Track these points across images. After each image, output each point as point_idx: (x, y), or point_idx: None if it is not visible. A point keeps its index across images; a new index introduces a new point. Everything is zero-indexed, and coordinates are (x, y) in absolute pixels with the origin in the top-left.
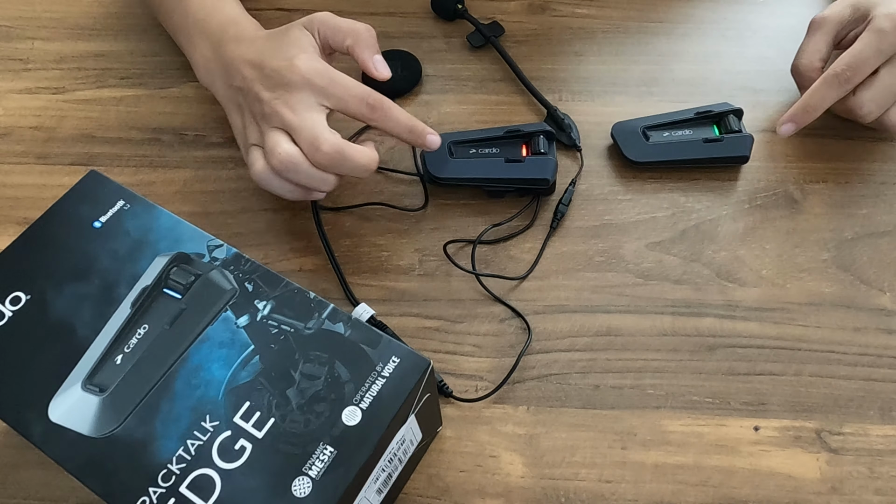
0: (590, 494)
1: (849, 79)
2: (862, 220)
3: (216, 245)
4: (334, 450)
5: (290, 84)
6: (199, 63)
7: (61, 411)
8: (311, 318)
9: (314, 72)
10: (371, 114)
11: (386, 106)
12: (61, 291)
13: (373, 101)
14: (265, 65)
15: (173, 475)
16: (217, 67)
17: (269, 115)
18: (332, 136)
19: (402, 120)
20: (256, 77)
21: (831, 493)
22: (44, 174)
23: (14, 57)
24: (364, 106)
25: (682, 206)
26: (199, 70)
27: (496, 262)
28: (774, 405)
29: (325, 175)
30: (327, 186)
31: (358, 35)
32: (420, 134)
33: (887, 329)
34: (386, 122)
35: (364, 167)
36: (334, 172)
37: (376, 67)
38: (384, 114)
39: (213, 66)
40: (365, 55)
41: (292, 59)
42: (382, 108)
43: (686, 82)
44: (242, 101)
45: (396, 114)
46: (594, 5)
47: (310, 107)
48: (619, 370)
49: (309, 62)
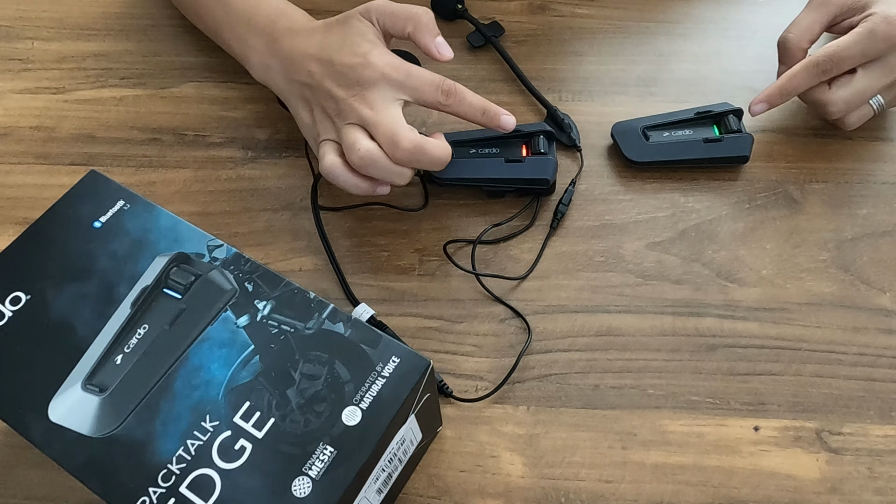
0: (590, 494)
1: (827, 71)
2: (862, 220)
3: (216, 245)
4: (334, 450)
5: (367, 81)
6: (253, 59)
7: (61, 411)
8: (311, 318)
9: (390, 67)
10: (446, 100)
11: (459, 91)
12: (61, 291)
13: (447, 88)
14: (334, 60)
15: (173, 475)
16: (274, 62)
17: (346, 112)
18: (411, 133)
19: (476, 103)
20: (326, 73)
21: (831, 493)
22: (44, 174)
23: (14, 57)
24: (439, 93)
25: (682, 206)
26: (253, 67)
27: (496, 262)
28: (774, 405)
29: (402, 169)
30: (403, 181)
31: (418, 20)
32: (494, 115)
33: (887, 329)
34: (461, 107)
35: (440, 160)
36: (411, 167)
37: (440, 51)
38: (458, 98)
39: (269, 62)
40: (427, 39)
41: (366, 56)
42: (457, 94)
43: (686, 82)
44: (311, 96)
45: (470, 97)
46: (594, 5)
47: (388, 102)
48: (619, 370)
49: (383, 57)
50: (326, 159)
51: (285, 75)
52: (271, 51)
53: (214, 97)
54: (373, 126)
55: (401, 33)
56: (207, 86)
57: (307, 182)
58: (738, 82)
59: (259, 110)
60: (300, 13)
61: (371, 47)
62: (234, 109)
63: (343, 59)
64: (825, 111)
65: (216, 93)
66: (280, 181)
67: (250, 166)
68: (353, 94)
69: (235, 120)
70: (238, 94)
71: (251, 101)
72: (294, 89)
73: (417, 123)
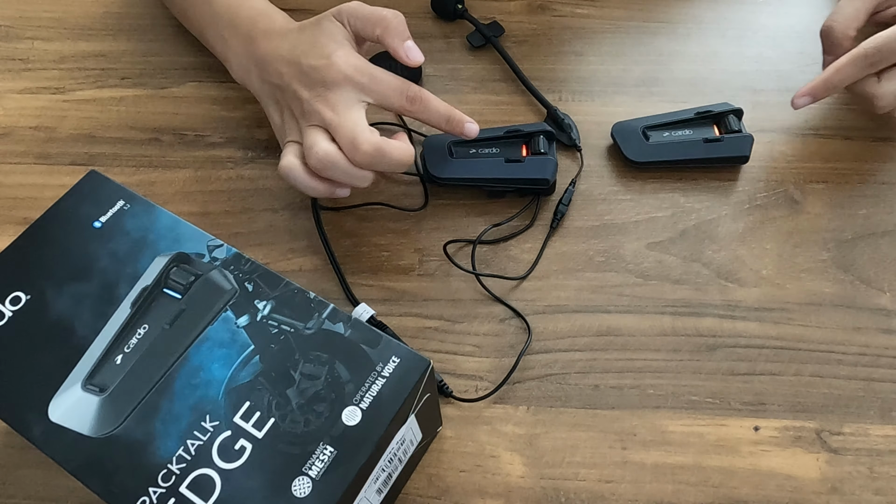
0: (590, 494)
1: (875, 63)
2: (862, 220)
3: (216, 245)
4: (334, 450)
5: (330, 82)
6: (232, 60)
7: (61, 411)
8: (311, 318)
9: (353, 69)
10: (410, 106)
11: (424, 97)
12: (61, 291)
13: (412, 94)
14: (301, 62)
15: (173, 475)
16: (251, 63)
17: (309, 114)
18: (372, 135)
19: (441, 110)
20: (293, 74)
21: (831, 493)
22: (44, 174)
23: (14, 57)
24: (404, 99)
25: (682, 206)
26: (232, 67)
27: (496, 262)
28: (774, 405)
29: (362, 173)
30: (364, 183)
31: (387, 23)
32: (458, 123)
33: (887, 329)
34: (425, 113)
35: (401, 162)
36: (372, 170)
37: (408, 55)
38: (423, 105)
39: (246, 63)
40: (395, 43)
41: (330, 56)
42: (421, 100)
43: (686, 82)
44: (280, 97)
45: (435, 104)
46: (594, 5)
47: (350, 104)
48: (619, 370)
49: (347, 59)
50: (284, 160)
51: (260, 77)
52: (248, 52)
53: (214, 97)
54: (334, 128)
55: (370, 36)
56: (207, 86)
57: None
58: (738, 82)
59: (259, 110)
60: (280, 15)
61: (336, 48)
62: (234, 109)
63: (310, 60)
64: (873, 105)
65: (216, 93)
66: (280, 181)
67: (250, 166)
68: (316, 94)
69: (235, 120)
70: (238, 94)
71: (251, 101)
72: (267, 90)
73: (417, 124)
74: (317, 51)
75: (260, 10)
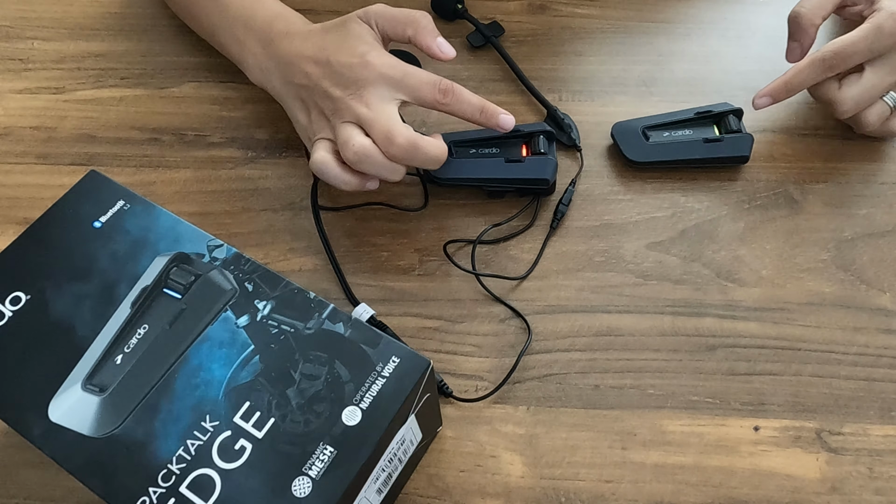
0: (590, 494)
1: (833, 66)
2: (862, 220)
3: (216, 245)
4: (334, 450)
5: (364, 80)
6: (250, 62)
7: (61, 411)
8: (311, 318)
9: (388, 66)
10: (444, 98)
11: (457, 90)
12: (61, 291)
13: (445, 87)
14: (331, 61)
15: (173, 475)
16: (272, 65)
17: (342, 111)
18: (406, 130)
19: (475, 102)
20: (323, 73)
21: (831, 493)
22: (44, 174)
23: (14, 57)
24: (437, 92)
25: (682, 206)
26: (250, 69)
27: (496, 262)
28: (774, 405)
29: (395, 166)
30: (397, 177)
31: (418, 23)
32: (493, 114)
33: (887, 329)
34: (459, 105)
35: (436, 158)
36: (405, 164)
37: (442, 50)
38: (456, 97)
39: (267, 64)
40: (429, 41)
41: (364, 56)
42: (454, 92)
43: (686, 82)
44: (307, 97)
45: (468, 96)
46: (594, 5)
47: (385, 101)
48: (619, 370)
49: (381, 58)
50: (317, 154)
51: (282, 77)
52: (268, 53)
53: (214, 97)
54: (368, 123)
55: (401, 37)
56: (207, 86)
57: (307, 182)
58: (738, 82)
59: (259, 110)
60: (297, 16)
61: (369, 48)
62: (234, 109)
63: (341, 59)
64: (835, 110)
65: (216, 93)
66: (280, 181)
67: (250, 166)
68: (350, 93)
69: (235, 120)
70: (238, 94)
71: (251, 101)
72: (291, 91)
73: (417, 123)
74: (348, 50)
75: (276, 12)
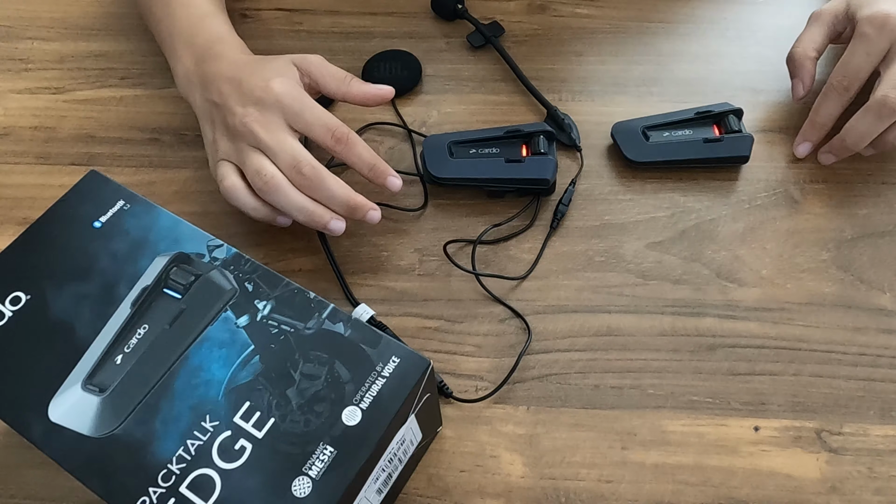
0: (590, 494)
1: (847, 87)
2: (862, 220)
3: (216, 245)
4: (334, 450)
5: (263, 102)
6: (180, 73)
7: (61, 411)
8: (311, 318)
9: (287, 95)
10: (335, 145)
11: (351, 140)
12: (61, 291)
13: (339, 134)
14: (242, 82)
15: (173, 475)
16: (197, 80)
17: (243, 133)
18: (313, 159)
19: (365, 156)
20: (232, 92)
21: (831, 493)
22: (44, 174)
23: (14, 57)
24: (329, 136)
25: (682, 206)
26: (178, 80)
27: (496, 262)
28: (774, 405)
29: (305, 202)
30: (303, 216)
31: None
32: (381, 174)
33: (887, 329)
34: (349, 156)
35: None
36: (312, 197)
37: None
38: (348, 148)
39: (193, 79)
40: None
41: (268, 81)
42: (347, 143)
43: (686, 82)
44: (216, 114)
45: (360, 150)
46: (594, 5)
47: (281, 128)
48: (619, 370)
49: (284, 85)
50: (228, 181)
51: (202, 94)
52: (196, 69)
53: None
54: (273, 152)
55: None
56: None
57: None
58: (738, 82)
59: None
60: (238, 42)
61: (277, 76)
62: None
63: (251, 81)
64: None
65: None
66: None
67: None
68: (248, 112)
69: None
70: None
71: None
72: (206, 108)
73: (417, 124)
74: (260, 75)
75: (219, 34)
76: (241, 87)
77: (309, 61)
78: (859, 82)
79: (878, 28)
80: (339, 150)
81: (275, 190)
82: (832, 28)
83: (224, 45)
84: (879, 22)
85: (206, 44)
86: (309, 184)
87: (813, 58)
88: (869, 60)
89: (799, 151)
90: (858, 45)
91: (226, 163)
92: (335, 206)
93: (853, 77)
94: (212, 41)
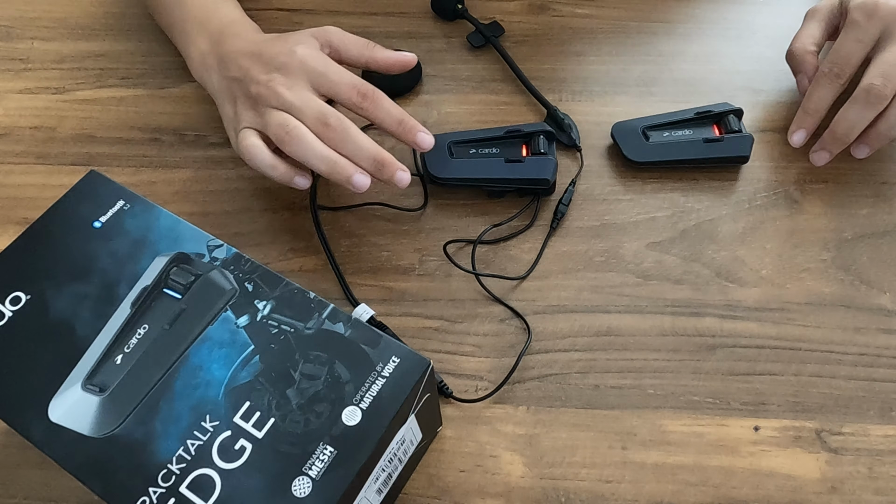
0: (590, 494)
1: (838, 74)
2: (862, 220)
3: (216, 245)
4: (334, 450)
5: (287, 66)
6: (195, 57)
7: (61, 411)
8: (311, 318)
9: (310, 57)
10: (361, 102)
11: (377, 96)
12: (61, 291)
13: (364, 90)
14: (263, 53)
15: (173, 475)
16: (213, 61)
17: (267, 96)
18: (339, 114)
19: (394, 112)
20: (253, 64)
21: (831, 493)
22: (44, 174)
23: (14, 57)
24: (355, 93)
25: (682, 206)
26: (193, 63)
27: (496, 262)
28: (774, 405)
29: (327, 150)
30: (325, 165)
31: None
32: (411, 129)
33: (887, 329)
34: (377, 112)
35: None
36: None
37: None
38: (375, 104)
39: (209, 60)
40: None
41: (292, 47)
42: (373, 98)
43: (686, 82)
44: (237, 89)
45: (388, 105)
46: (594, 5)
47: (305, 88)
48: (619, 370)
49: (307, 49)
50: (247, 140)
51: (219, 73)
52: (213, 51)
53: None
54: (298, 110)
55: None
56: None
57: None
58: (738, 82)
59: None
60: (252, 24)
61: (300, 44)
62: None
63: (271, 51)
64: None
65: None
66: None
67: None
68: (272, 77)
69: None
70: None
71: None
72: (224, 85)
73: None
74: (281, 46)
75: (232, 17)
76: (261, 58)
77: (329, 31)
78: (850, 69)
79: (868, 15)
80: (367, 105)
81: (297, 139)
82: (829, 23)
83: (239, 27)
84: (870, 9)
85: (221, 26)
86: (335, 136)
87: (813, 52)
88: (859, 47)
89: (794, 140)
90: (849, 32)
91: (248, 129)
92: (362, 160)
93: (844, 63)
94: (226, 23)
